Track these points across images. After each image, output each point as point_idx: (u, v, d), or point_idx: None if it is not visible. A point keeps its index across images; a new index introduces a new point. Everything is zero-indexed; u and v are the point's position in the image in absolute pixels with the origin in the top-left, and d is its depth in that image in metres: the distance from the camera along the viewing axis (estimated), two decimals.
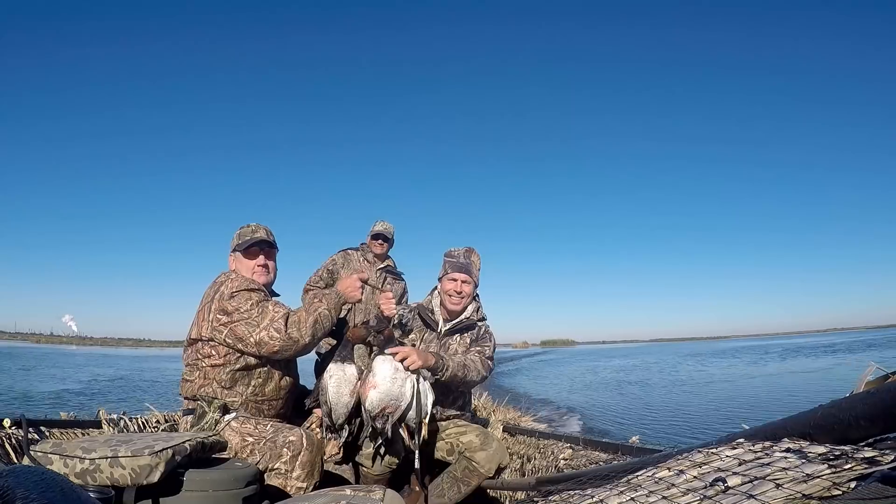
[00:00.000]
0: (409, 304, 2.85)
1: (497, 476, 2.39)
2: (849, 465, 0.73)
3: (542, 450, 2.75)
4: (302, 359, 2.30)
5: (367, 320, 2.20)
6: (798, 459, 0.82)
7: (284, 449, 1.89)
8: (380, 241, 3.68)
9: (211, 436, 1.67)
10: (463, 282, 2.46)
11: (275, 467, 1.88)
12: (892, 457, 0.70)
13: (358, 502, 1.33)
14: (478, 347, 2.46)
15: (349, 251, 3.74)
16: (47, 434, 2.09)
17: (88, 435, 2.25)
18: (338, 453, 2.30)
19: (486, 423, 3.17)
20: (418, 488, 2.38)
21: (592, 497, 1.11)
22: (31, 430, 1.90)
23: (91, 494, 1.24)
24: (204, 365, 2.03)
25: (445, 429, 2.48)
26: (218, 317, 1.99)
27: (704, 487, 0.87)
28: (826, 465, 0.75)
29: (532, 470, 2.63)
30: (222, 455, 1.75)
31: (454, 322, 2.52)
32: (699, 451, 1.08)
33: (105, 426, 2.46)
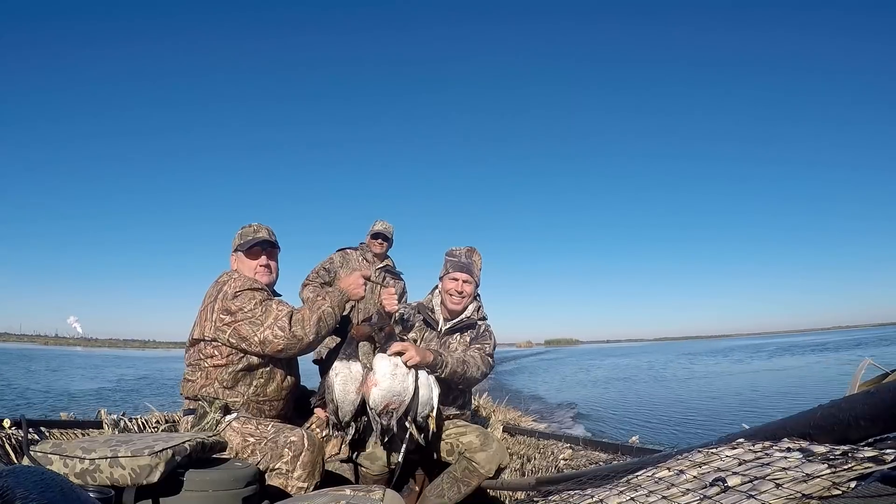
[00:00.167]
0: (409, 304, 2.85)
1: (497, 476, 2.39)
2: (849, 465, 0.73)
3: (542, 450, 2.75)
4: (303, 359, 2.30)
5: (370, 316, 2.20)
6: (798, 459, 0.82)
7: (286, 449, 1.88)
8: (379, 240, 3.68)
9: (211, 436, 1.67)
10: (464, 281, 2.46)
11: (276, 467, 1.88)
12: (893, 457, 0.70)
13: (358, 502, 1.33)
14: (477, 345, 2.45)
15: (348, 251, 3.74)
16: (47, 434, 2.09)
17: (88, 435, 2.25)
18: (338, 453, 2.30)
19: (486, 424, 3.17)
20: (418, 488, 2.37)
21: (592, 497, 1.11)
22: (30, 430, 1.90)
23: (91, 494, 1.24)
24: (206, 365, 2.03)
25: (445, 429, 2.48)
26: (221, 317, 1.99)
27: (704, 487, 0.87)
28: (826, 465, 0.75)
29: (532, 470, 2.64)
30: (223, 455, 1.75)
31: (455, 321, 2.52)
32: (699, 451, 1.07)
33: (105, 426, 2.46)
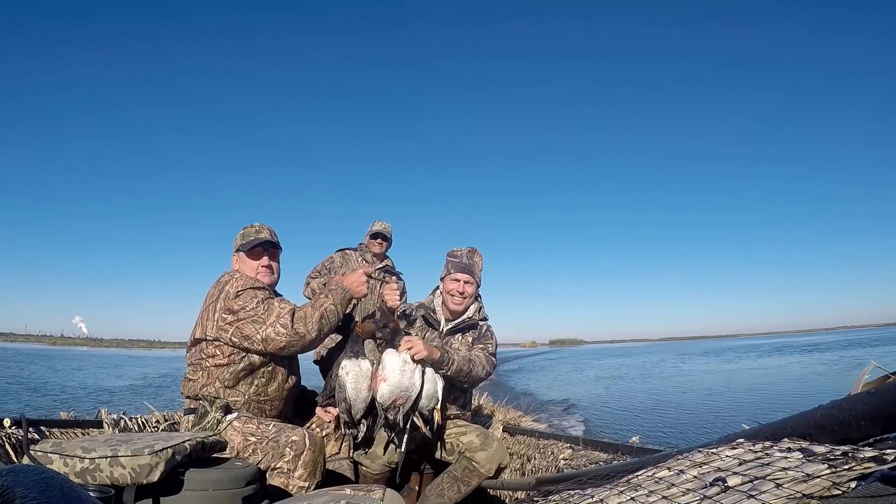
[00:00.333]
0: (410, 303, 2.85)
1: (497, 476, 2.39)
2: (849, 465, 0.73)
3: (542, 450, 2.74)
4: (303, 359, 2.30)
5: (373, 313, 2.21)
6: (798, 459, 0.82)
7: (287, 448, 1.89)
8: (379, 239, 3.68)
9: (211, 435, 1.67)
10: (465, 282, 2.46)
11: (277, 466, 1.88)
12: (893, 457, 0.70)
13: (358, 502, 1.33)
14: (480, 345, 2.47)
15: (347, 251, 3.75)
16: (47, 434, 2.08)
17: (88, 434, 2.25)
18: (338, 452, 2.30)
19: (486, 423, 3.17)
20: (418, 488, 2.37)
21: (592, 497, 1.11)
22: (30, 429, 1.90)
23: (91, 494, 1.24)
24: (208, 365, 2.03)
25: (446, 428, 2.48)
26: (223, 316, 1.99)
27: (704, 487, 0.87)
28: (826, 465, 0.75)
29: (532, 470, 2.63)
30: (223, 454, 1.75)
31: (456, 322, 2.53)
32: (699, 451, 1.07)
33: (105, 426, 2.46)
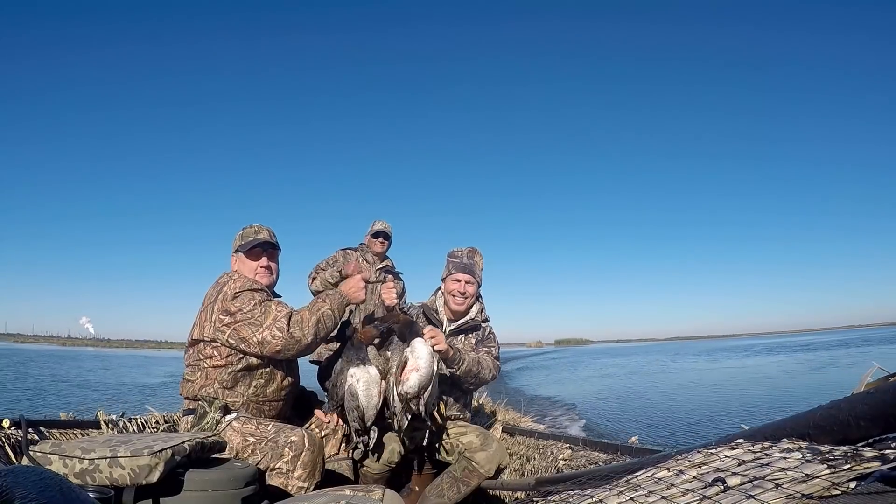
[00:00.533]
0: (412, 304, 2.85)
1: (497, 476, 2.39)
2: (849, 465, 0.73)
3: (542, 450, 2.75)
4: (302, 359, 2.30)
5: (372, 313, 2.21)
6: (798, 459, 0.82)
7: (286, 449, 1.89)
8: (381, 238, 3.69)
9: (210, 436, 1.67)
10: (466, 282, 2.47)
11: (276, 467, 1.88)
12: (893, 457, 0.70)
13: (357, 502, 1.33)
14: (484, 347, 2.48)
15: (349, 251, 3.75)
16: (46, 434, 2.08)
17: (88, 435, 2.25)
18: (337, 453, 2.29)
19: (486, 424, 3.17)
20: (418, 488, 2.37)
21: (592, 497, 1.11)
22: (30, 430, 1.90)
23: (90, 494, 1.24)
24: (206, 365, 2.03)
25: (446, 428, 2.48)
26: (221, 317, 1.99)
27: (704, 487, 0.87)
28: (826, 465, 0.75)
29: (532, 470, 2.64)
30: (222, 455, 1.75)
31: (459, 322, 2.54)
32: (699, 452, 1.07)
33: (104, 427, 2.45)
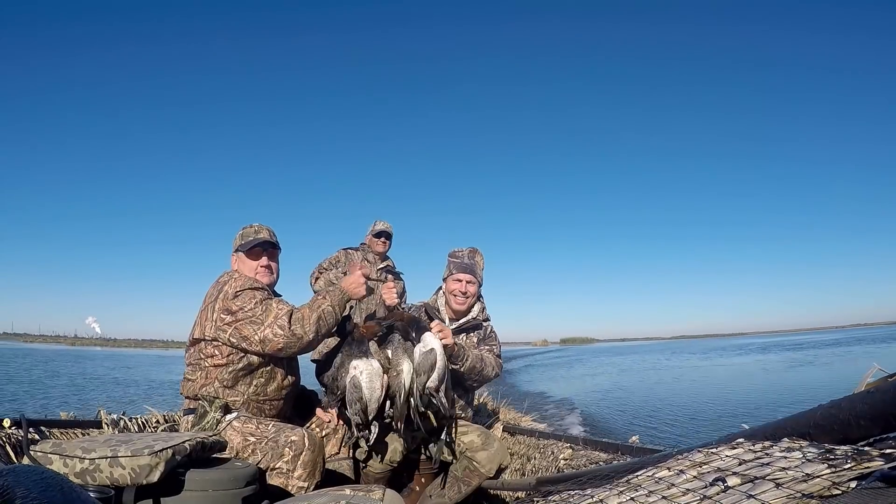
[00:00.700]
0: (412, 304, 2.86)
1: (497, 476, 2.39)
2: (849, 465, 0.73)
3: (542, 450, 2.75)
4: (303, 358, 2.30)
5: (374, 312, 2.21)
6: (798, 459, 0.82)
7: (286, 448, 1.89)
8: (383, 238, 3.70)
9: (211, 436, 1.67)
10: (468, 282, 2.49)
11: (276, 466, 1.88)
12: (893, 456, 0.70)
13: (357, 502, 1.33)
14: (486, 346, 2.49)
15: (350, 251, 3.76)
16: (47, 434, 2.09)
17: (88, 435, 2.25)
18: (337, 452, 2.30)
19: (487, 423, 3.17)
20: (418, 488, 2.37)
21: (592, 497, 1.11)
22: (31, 430, 1.90)
23: (91, 494, 1.24)
24: (206, 365, 2.03)
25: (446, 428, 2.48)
26: (222, 316, 2.00)
27: (704, 487, 0.87)
28: (826, 465, 0.75)
29: (532, 470, 2.64)
30: (223, 455, 1.75)
31: (461, 322, 2.55)
32: (699, 451, 1.08)
33: (105, 426, 2.46)
